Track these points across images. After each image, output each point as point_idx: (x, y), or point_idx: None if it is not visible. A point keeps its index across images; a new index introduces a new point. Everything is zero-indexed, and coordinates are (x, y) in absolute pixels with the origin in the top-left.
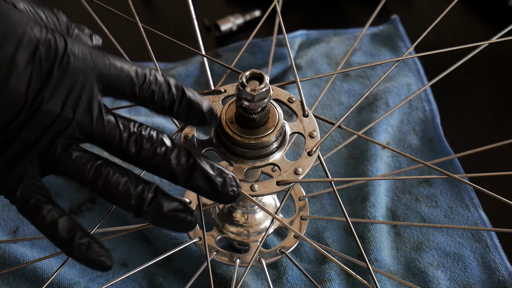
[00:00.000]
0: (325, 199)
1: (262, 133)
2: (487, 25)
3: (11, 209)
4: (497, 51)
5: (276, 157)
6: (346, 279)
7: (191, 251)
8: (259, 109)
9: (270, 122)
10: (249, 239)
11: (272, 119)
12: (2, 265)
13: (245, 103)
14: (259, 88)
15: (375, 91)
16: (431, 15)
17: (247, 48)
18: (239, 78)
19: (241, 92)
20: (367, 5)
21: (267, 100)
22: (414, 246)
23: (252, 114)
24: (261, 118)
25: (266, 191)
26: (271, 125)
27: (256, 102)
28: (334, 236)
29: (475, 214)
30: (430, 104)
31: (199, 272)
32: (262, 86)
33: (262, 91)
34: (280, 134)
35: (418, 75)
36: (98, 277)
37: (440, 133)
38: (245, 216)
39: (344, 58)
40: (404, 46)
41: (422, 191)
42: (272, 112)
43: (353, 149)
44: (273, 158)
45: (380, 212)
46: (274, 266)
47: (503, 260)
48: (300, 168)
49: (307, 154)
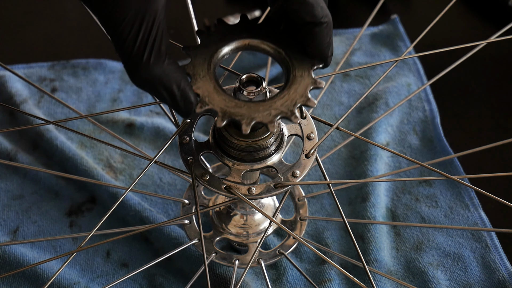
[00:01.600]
0: (325, 199)
1: (260, 136)
2: (487, 25)
3: (11, 209)
4: (497, 51)
5: (274, 159)
6: (346, 279)
7: (191, 251)
8: None
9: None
10: (248, 240)
11: None
12: (2, 265)
13: None
14: (256, 92)
15: (375, 91)
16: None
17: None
18: (236, 82)
19: (238, 95)
20: (367, 5)
21: None
22: (414, 246)
23: None
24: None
25: (263, 194)
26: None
27: None
28: (334, 236)
29: (475, 214)
30: (430, 104)
31: (198, 273)
32: (259, 89)
33: (259, 95)
34: (277, 137)
35: (418, 75)
36: (98, 277)
37: (440, 133)
38: (244, 218)
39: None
40: (404, 46)
41: (422, 191)
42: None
43: (353, 149)
44: (271, 160)
45: (380, 212)
46: (274, 266)
47: (503, 260)
48: (297, 171)
49: (304, 156)
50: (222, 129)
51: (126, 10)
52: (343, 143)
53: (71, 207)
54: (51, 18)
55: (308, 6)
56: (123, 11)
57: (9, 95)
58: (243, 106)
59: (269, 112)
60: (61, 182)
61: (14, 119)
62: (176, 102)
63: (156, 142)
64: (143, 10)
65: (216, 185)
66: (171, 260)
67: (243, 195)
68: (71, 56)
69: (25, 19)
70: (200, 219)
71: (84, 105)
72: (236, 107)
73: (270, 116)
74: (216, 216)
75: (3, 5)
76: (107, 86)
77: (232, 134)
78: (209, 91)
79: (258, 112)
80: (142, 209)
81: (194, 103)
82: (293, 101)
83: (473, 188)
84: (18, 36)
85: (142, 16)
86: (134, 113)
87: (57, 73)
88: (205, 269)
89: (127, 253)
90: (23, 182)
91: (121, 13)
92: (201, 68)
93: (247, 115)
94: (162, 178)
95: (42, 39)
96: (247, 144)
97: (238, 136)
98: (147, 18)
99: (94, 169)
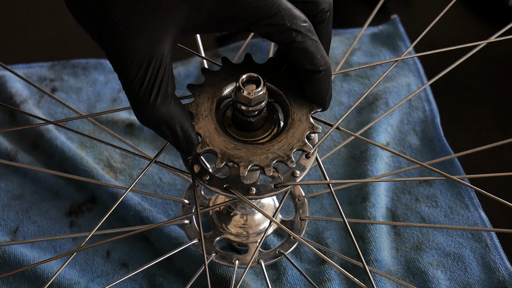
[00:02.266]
0: (325, 199)
1: (259, 136)
2: (487, 25)
3: (11, 209)
4: (497, 51)
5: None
6: (346, 279)
7: (191, 251)
8: (256, 112)
9: (267, 125)
10: (248, 240)
11: (270, 121)
12: (2, 265)
13: (242, 107)
14: (256, 92)
15: (375, 91)
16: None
17: (247, 48)
18: (236, 82)
19: (238, 95)
20: (367, 5)
21: (264, 104)
22: (414, 246)
23: (249, 117)
24: (258, 121)
25: (263, 194)
26: (268, 127)
27: (253, 106)
28: (334, 236)
29: (475, 214)
30: (430, 104)
31: (198, 273)
32: (259, 89)
33: (259, 94)
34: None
35: (418, 75)
36: (98, 277)
37: (440, 133)
38: (244, 217)
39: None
40: (404, 46)
41: (422, 191)
42: (270, 114)
43: (353, 149)
44: None
45: (380, 212)
46: (274, 266)
47: (503, 260)
48: (297, 171)
49: (305, 156)
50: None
51: (134, 52)
52: (343, 143)
53: (71, 207)
54: (51, 18)
55: (308, 54)
56: (131, 52)
57: (9, 95)
58: (242, 149)
59: (266, 156)
60: (61, 182)
61: (14, 119)
62: (179, 142)
63: (156, 142)
64: (150, 52)
65: (216, 185)
66: (171, 260)
67: (243, 195)
68: (71, 56)
69: (25, 19)
70: (200, 219)
71: (84, 105)
72: (235, 149)
73: (267, 160)
74: (216, 216)
75: (3, 5)
76: (107, 86)
77: (232, 133)
78: (210, 132)
79: (256, 155)
80: (142, 209)
81: (195, 144)
82: (290, 145)
83: (473, 188)
84: (18, 36)
85: (149, 59)
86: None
87: (57, 73)
88: (205, 269)
89: (127, 253)
90: (23, 182)
91: (129, 55)
92: (203, 108)
93: (245, 158)
94: (162, 178)
95: (42, 39)
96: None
97: (238, 136)
98: (154, 61)
99: (94, 169)
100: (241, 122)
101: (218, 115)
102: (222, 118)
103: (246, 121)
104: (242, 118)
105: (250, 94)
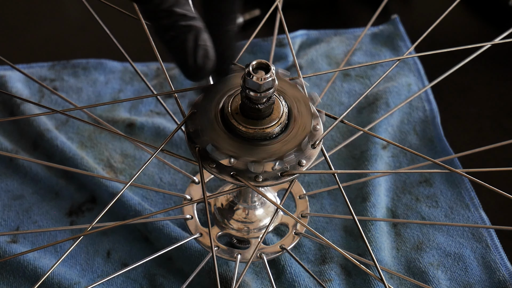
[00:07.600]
0: (325, 199)
1: (267, 124)
2: (488, 25)
3: (11, 209)
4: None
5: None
6: (346, 279)
7: (192, 251)
8: (264, 99)
9: (275, 113)
10: (249, 235)
11: (277, 111)
12: (2, 265)
13: (251, 93)
14: (266, 78)
15: (376, 91)
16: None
17: (248, 48)
18: (245, 68)
19: (247, 81)
20: (367, 5)
21: (273, 90)
22: (414, 246)
23: (257, 104)
24: (266, 109)
25: (269, 182)
26: (275, 116)
27: (262, 92)
28: (334, 237)
29: (475, 214)
30: (430, 104)
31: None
32: (268, 75)
33: (268, 80)
34: (284, 126)
35: (419, 75)
36: (99, 277)
37: (440, 133)
38: (246, 211)
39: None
40: (405, 46)
41: (423, 191)
42: (277, 104)
43: (353, 149)
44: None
45: (380, 212)
46: (273, 265)
47: (504, 260)
48: (303, 160)
49: (310, 147)
50: (230, 117)
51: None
52: (345, 142)
53: (71, 207)
54: (51, 18)
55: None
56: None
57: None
58: (255, 149)
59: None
60: (61, 182)
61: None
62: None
63: (157, 142)
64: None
65: (224, 173)
66: (171, 260)
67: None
68: (71, 56)
69: (25, 19)
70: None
71: (84, 105)
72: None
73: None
74: (218, 212)
75: (3, 5)
76: (108, 86)
77: (240, 121)
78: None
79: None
80: (142, 209)
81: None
82: (301, 135)
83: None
84: (18, 36)
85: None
86: (135, 113)
87: (57, 73)
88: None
89: (127, 253)
90: (23, 182)
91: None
92: (204, 124)
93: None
94: (162, 178)
95: (42, 39)
96: (255, 131)
97: (246, 123)
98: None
99: (94, 169)
100: (249, 109)
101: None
102: (230, 106)
103: (254, 108)
104: (250, 106)
105: (259, 79)
